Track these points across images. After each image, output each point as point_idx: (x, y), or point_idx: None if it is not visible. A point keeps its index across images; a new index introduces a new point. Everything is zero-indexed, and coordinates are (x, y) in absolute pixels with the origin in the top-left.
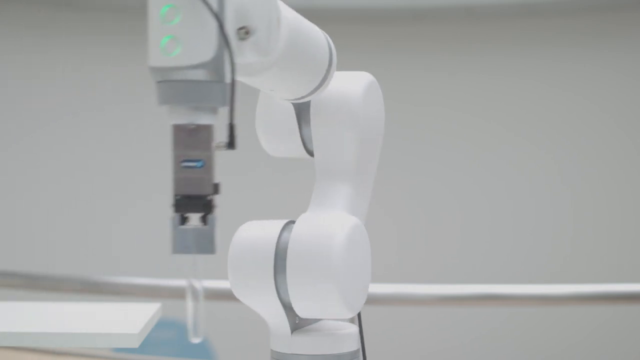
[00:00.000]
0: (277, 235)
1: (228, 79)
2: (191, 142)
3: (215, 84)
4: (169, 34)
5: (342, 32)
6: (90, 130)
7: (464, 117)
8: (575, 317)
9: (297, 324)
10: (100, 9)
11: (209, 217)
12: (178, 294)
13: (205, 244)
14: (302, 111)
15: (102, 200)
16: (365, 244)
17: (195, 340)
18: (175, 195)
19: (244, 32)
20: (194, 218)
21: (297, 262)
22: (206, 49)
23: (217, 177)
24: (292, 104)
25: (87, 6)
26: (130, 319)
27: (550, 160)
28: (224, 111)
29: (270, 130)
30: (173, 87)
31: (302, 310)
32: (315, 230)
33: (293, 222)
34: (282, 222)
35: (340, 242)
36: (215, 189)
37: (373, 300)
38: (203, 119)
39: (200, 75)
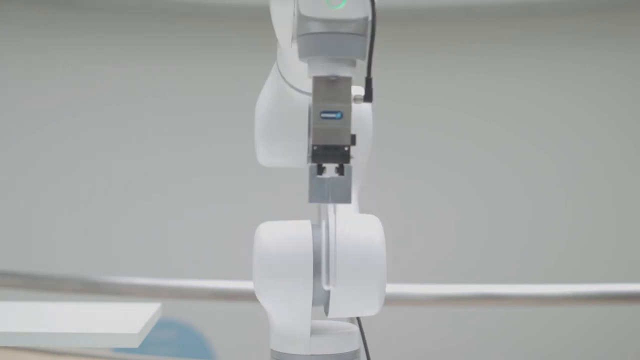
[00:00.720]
0: (311, 237)
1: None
2: (331, 94)
3: (359, 37)
4: None
5: None
6: (90, 130)
7: (463, 117)
8: (572, 317)
9: None
10: (100, 9)
11: (346, 167)
12: (178, 294)
13: (341, 194)
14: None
15: (102, 200)
16: None
17: (327, 287)
18: (314, 145)
19: None
20: (330, 169)
21: (345, 263)
22: (366, 4)
23: (224, 175)
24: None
25: (87, 6)
26: (130, 319)
27: (549, 161)
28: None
29: (277, 136)
30: (319, 39)
31: (336, 311)
32: (356, 232)
33: (314, 223)
34: (306, 223)
35: (382, 242)
36: (353, 140)
37: None
38: (344, 71)
39: (354, 28)
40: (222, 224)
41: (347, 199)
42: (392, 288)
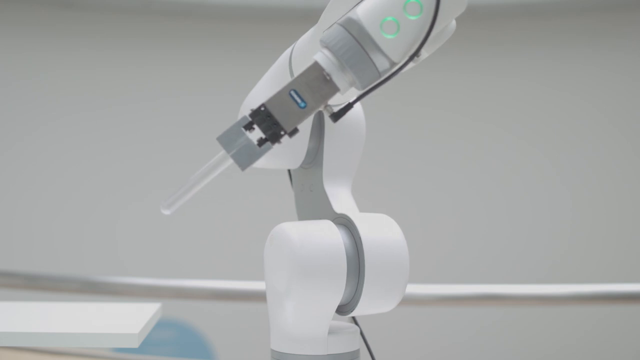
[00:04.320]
0: (341, 238)
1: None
2: (314, 86)
3: (374, 73)
4: (396, 18)
5: None
6: (91, 130)
7: (463, 117)
8: (572, 317)
9: None
10: (101, 10)
11: (267, 144)
12: (178, 294)
13: (244, 159)
14: (314, 125)
15: (102, 200)
16: None
17: (165, 211)
18: (262, 105)
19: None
20: (256, 133)
21: (377, 265)
22: (404, 53)
23: (225, 176)
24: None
25: (87, 7)
26: (130, 319)
27: (548, 160)
28: None
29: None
30: (351, 45)
31: (360, 310)
32: (383, 234)
33: (333, 223)
34: (330, 224)
35: (405, 242)
36: (292, 133)
37: None
38: (340, 82)
39: (380, 64)
40: (223, 224)
41: (243, 166)
42: None
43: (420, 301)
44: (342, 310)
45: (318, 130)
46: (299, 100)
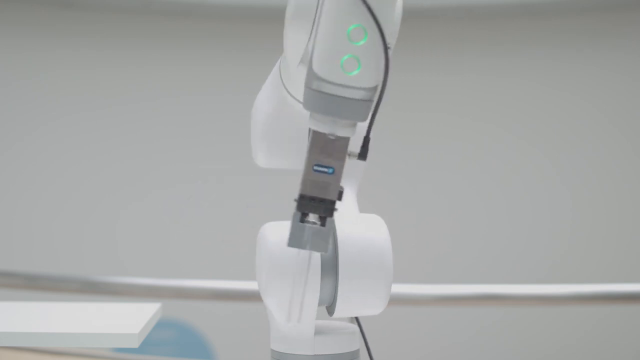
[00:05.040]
0: None
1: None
2: (327, 150)
3: (366, 103)
4: (351, 53)
5: None
6: (90, 130)
7: (463, 117)
8: (572, 317)
9: None
10: (101, 10)
11: (328, 219)
12: (178, 294)
13: (320, 243)
14: None
15: (102, 200)
16: None
17: (290, 324)
18: (302, 194)
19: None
20: (313, 216)
21: (352, 263)
22: (378, 73)
23: (225, 175)
24: None
25: (87, 7)
26: (130, 319)
27: (548, 160)
28: None
29: (277, 140)
30: (326, 99)
31: (342, 310)
32: (361, 231)
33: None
34: None
35: (388, 239)
36: (340, 195)
37: None
38: (343, 132)
39: (362, 95)
40: (223, 224)
41: (324, 249)
42: (392, 288)
43: (419, 301)
44: (328, 310)
45: None
46: (325, 170)
